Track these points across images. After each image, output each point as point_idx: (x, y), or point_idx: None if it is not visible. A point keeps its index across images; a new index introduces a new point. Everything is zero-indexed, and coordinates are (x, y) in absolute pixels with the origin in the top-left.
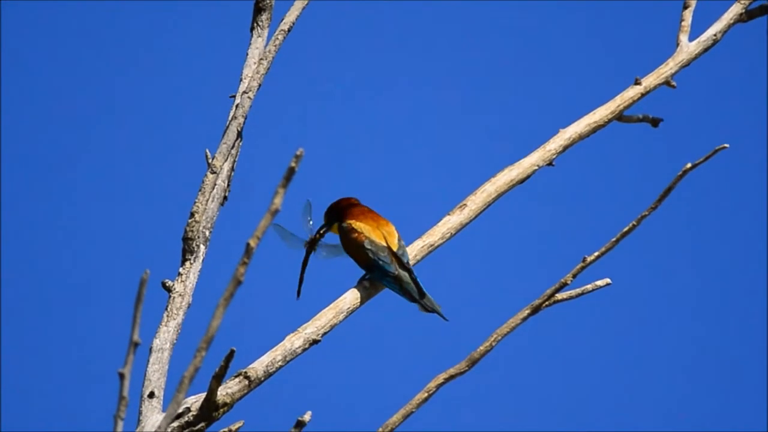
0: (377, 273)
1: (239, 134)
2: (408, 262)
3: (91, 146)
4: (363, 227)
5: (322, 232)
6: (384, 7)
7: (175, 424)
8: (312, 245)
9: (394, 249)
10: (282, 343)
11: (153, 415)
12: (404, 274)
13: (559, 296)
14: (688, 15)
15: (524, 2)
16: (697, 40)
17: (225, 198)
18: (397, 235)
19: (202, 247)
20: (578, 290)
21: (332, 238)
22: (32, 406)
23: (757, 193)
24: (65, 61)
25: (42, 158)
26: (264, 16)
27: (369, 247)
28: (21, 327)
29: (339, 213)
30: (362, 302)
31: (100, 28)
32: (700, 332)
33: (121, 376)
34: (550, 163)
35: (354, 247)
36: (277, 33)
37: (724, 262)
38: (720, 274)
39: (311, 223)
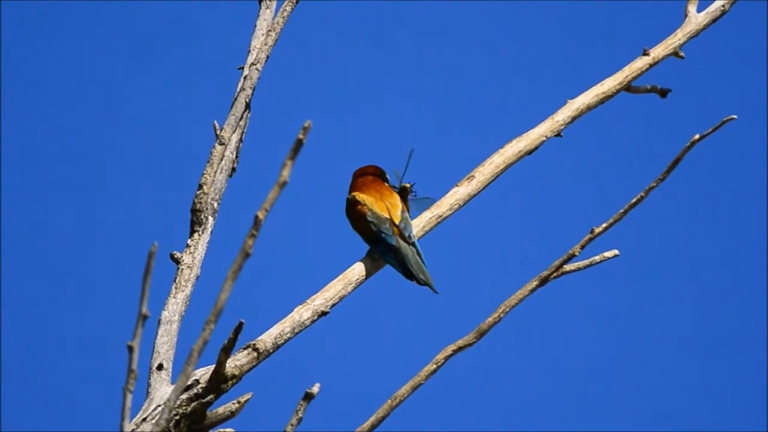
0: (380, 246)
1: (247, 106)
2: (411, 236)
3: (98, 118)
4: (366, 199)
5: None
6: None
7: (184, 396)
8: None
9: (396, 221)
10: (290, 314)
11: (162, 388)
12: (404, 246)
13: (567, 267)
14: None
15: None
16: (706, 10)
17: (233, 169)
18: (401, 206)
19: (210, 218)
20: (586, 261)
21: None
22: (38, 380)
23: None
24: (76, 31)
25: (49, 128)
26: None
27: (371, 219)
28: (28, 299)
29: (351, 183)
30: (370, 274)
31: None
32: (706, 304)
33: (130, 348)
34: (558, 134)
35: (357, 219)
36: (285, 4)
37: (733, 234)
38: (729, 245)
39: (403, 172)
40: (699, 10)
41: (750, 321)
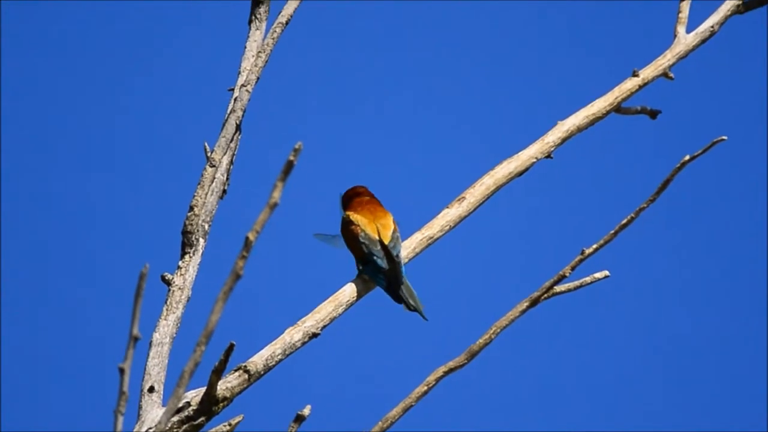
0: (370, 267)
1: (238, 127)
2: (398, 255)
3: (90, 139)
4: (360, 219)
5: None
6: None
7: (175, 418)
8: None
9: (386, 241)
10: (281, 336)
11: (153, 410)
12: (394, 268)
13: (557, 288)
14: (685, 6)
15: None
16: (695, 31)
17: (224, 191)
18: (392, 227)
19: (201, 240)
20: (577, 282)
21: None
22: (32, 403)
23: (756, 184)
24: (65, 53)
25: (41, 150)
26: (262, 9)
27: (363, 240)
28: (20, 322)
29: (344, 202)
30: (361, 295)
31: (99, 21)
32: (698, 325)
33: (121, 370)
34: (548, 156)
35: (351, 238)
36: (275, 26)
37: (723, 254)
38: (720, 267)
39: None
40: (688, 31)
41: (750, 321)
